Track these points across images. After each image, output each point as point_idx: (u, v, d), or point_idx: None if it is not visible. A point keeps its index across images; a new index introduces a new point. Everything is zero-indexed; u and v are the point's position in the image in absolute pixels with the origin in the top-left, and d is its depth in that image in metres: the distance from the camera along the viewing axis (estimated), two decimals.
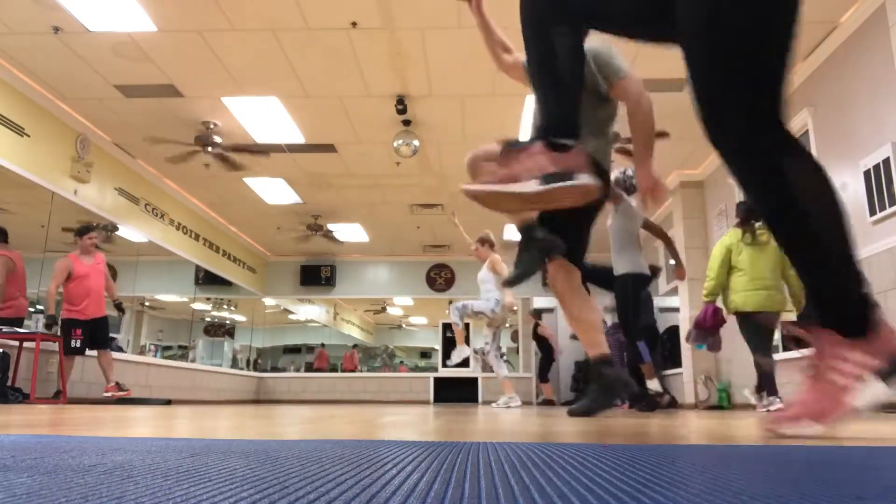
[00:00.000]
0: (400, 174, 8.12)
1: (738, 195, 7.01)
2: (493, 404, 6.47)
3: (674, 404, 6.45)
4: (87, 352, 6.05)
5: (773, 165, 1.31)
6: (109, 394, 6.22)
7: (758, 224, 4.78)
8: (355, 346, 16.90)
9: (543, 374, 9.98)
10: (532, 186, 1.43)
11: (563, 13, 1.47)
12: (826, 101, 5.30)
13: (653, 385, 5.26)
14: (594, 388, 2.80)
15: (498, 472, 0.65)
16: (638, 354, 5.11)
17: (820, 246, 1.25)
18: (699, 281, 7.73)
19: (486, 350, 6.55)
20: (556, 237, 2.52)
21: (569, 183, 1.43)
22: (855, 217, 4.86)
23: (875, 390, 1.19)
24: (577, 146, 1.46)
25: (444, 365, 6.46)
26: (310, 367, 15.07)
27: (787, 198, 1.28)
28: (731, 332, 7.44)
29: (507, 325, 6.77)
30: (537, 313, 10.48)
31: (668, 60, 5.50)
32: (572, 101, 1.51)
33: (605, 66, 2.72)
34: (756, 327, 4.94)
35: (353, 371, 14.84)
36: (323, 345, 16.09)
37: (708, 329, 5.12)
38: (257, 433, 1.47)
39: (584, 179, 1.45)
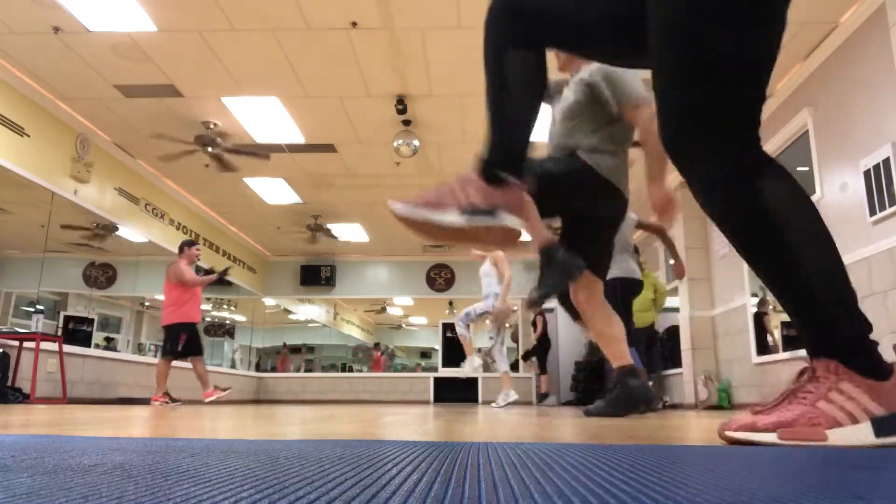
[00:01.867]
0: (400, 174, 8.12)
1: None
2: (493, 404, 6.41)
3: (663, 407, 6.48)
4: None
5: (754, 189, 1.16)
6: (214, 397, 6.47)
7: None
8: (377, 344, 16.85)
9: (542, 364, 10.18)
10: (451, 217, 1.36)
11: (521, 35, 1.31)
12: (826, 101, 5.30)
13: None
14: (617, 394, 2.96)
15: (498, 473, 0.65)
16: None
17: (815, 277, 1.15)
18: (699, 281, 7.75)
19: (491, 344, 6.43)
20: (578, 258, 2.50)
21: (490, 221, 1.34)
22: (855, 217, 4.86)
23: (860, 435, 1.07)
24: (516, 183, 1.37)
25: (495, 406, 6.35)
26: (309, 368, 15.06)
27: (773, 230, 1.16)
28: (728, 334, 7.47)
29: (509, 321, 6.64)
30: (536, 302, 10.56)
31: None
32: (519, 134, 1.39)
33: (616, 89, 2.71)
34: None
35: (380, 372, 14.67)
36: (376, 345, 16.26)
37: None
38: (257, 433, 1.47)
39: (508, 221, 1.36)
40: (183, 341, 6.30)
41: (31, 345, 5.45)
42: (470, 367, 6.18)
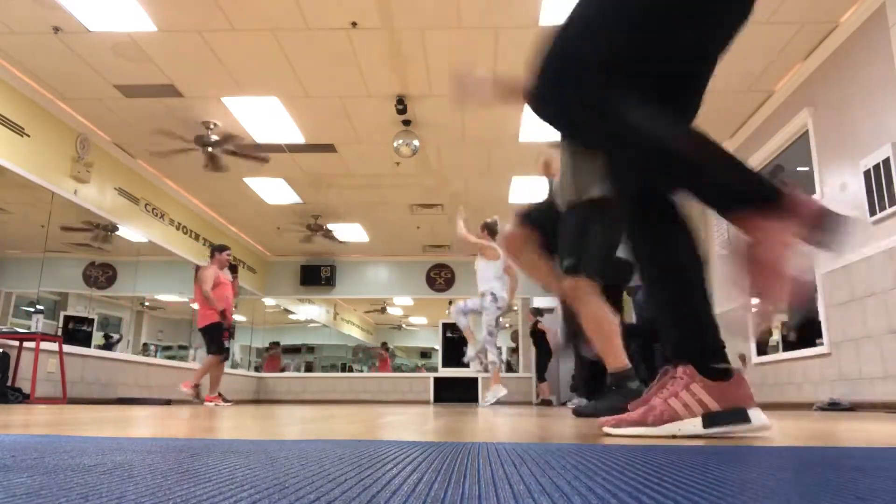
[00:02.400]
0: (400, 174, 8.12)
1: None
2: (482, 402, 6.27)
3: None
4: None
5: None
6: (213, 404, 6.56)
7: None
8: (384, 344, 16.78)
9: (541, 372, 10.11)
10: (692, 428, 1.33)
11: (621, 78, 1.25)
12: (826, 101, 5.30)
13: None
14: (613, 396, 2.83)
15: (498, 473, 0.65)
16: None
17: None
18: None
19: (490, 338, 6.19)
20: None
21: (742, 428, 1.31)
22: (855, 217, 4.86)
23: (690, 427, 1.32)
24: (737, 371, 1.33)
25: (463, 364, 6.28)
26: (309, 368, 15.04)
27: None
28: (728, 334, 7.35)
29: (502, 315, 6.41)
30: (537, 311, 10.55)
31: None
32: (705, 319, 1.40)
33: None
34: None
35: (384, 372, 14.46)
36: (384, 344, 16.16)
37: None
38: (257, 433, 1.47)
39: (758, 420, 1.31)
40: (226, 338, 6.73)
41: (31, 345, 5.45)
42: (473, 352, 6.12)
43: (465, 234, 6.29)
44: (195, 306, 7.27)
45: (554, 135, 1.87)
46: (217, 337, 6.69)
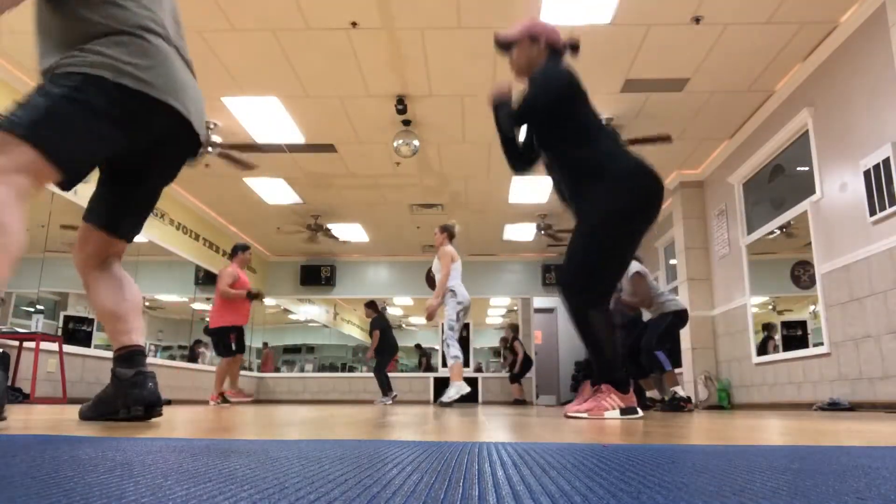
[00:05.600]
0: (400, 174, 8.12)
1: (738, 195, 7.01)
2: (441, 398, 5.75)
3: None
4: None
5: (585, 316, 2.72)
6: (235, 399, 6.83)
7: None
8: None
9: (517, 377, 10.68)
10: (615, 415, 2.64)
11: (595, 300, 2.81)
12: (826, 101, 5.30)
13: (677, 390, 5.40)
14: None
15: (498, 473, 0.65)
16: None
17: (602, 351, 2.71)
18: (699, 281, 7.75)
19: (452, 334, 5.99)
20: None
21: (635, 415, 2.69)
22: (855, 217, 4.86)
23: (616, 414, 2.63)
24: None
25: (441, 403, 5.74)
26: (304, 368, 15.03)
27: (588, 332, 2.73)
28: (728, 334, 7.48)
29: (464, 313, 6.24)
30: (514, 329, 11.19)
31: (668, 61, 5.50)
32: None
33: None
34: None
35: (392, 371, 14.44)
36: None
37: None
38: (257, 433, 1.47)
39: (640, 413, 2.74)
40: (233, 341, 6.81)
41: (31, 345, 5.45)
42: (456, 393, 5.73)
43: (436, 234, 6.37)
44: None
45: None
46: (224, 339, 6.78)
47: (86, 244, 1.97)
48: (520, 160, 3.03)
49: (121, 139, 1.73)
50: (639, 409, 2.71)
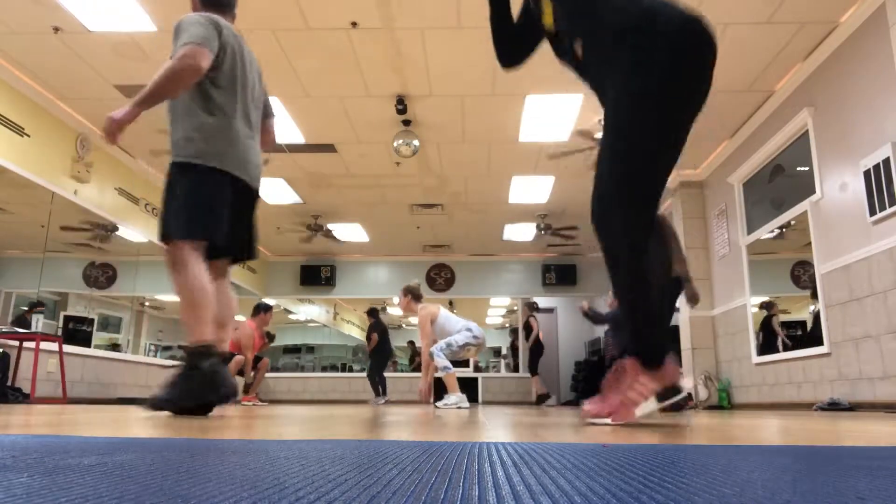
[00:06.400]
0: (400, 174, 8.12)
1: (738, 195, 7.01)
2: (438, 403, 5.71)
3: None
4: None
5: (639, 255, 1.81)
6: (250, 403, 7.00)
7: None
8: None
9: (533, 367, 10.27)
10: (650, 407, 1.79)
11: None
12: (826, 101, 5.30)
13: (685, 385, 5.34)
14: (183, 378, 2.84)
15: (498, 473, 0.65)
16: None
17: (640, 305, 1.83)
18: (699, 281, 7.73)
19: (447, 345, 5.89)
20: None
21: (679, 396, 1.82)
22: (855, 217, 4.86)
23: (650, 407, 1.78)
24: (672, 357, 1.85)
25: (437, 407, 5.68)
26: (303, 368, 15.05)
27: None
28: (728, 334, 7.48)
29: (475, 349, 6.04)
30: (532, 306, 10.69)
31: None
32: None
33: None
34: None
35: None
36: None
37: None
38: (257, 433, 1.47)
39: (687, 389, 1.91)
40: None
41: (31, 345, 5.45)
42: (455, 400, 5.66)
43: (400, 301, 6.25)
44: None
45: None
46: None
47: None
48: (510, 44, 2.30)
49: None
50: (682, 386, 1.88)
